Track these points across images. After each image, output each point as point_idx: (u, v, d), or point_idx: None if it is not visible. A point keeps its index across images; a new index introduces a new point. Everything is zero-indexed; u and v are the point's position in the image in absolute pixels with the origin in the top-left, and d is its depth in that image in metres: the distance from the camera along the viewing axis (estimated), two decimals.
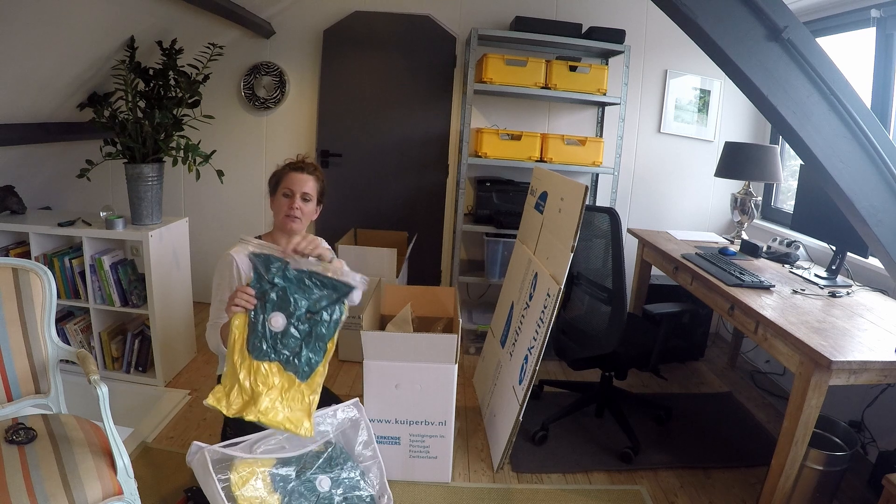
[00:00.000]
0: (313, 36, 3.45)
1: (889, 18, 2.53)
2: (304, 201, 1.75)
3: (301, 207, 1.74)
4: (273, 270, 1.50)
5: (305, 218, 1.77)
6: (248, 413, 1.48)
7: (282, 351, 1.52)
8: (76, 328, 2.66)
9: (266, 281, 1.50)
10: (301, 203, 1.74)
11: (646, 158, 3.67)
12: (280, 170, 1.79)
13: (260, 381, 1.51)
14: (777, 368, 3.11)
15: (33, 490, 1.30)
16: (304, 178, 1.74)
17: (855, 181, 1.51)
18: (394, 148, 3.55)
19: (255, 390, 1.51)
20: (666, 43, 3.50)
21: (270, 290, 1.50)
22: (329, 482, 1.61)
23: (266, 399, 1.50)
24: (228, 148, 3.48)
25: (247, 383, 1.51)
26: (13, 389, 1.66)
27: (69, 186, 3.22)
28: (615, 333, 2.19)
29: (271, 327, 1.51)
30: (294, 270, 1.52)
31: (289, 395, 1.54)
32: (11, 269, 1.66)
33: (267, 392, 1.51)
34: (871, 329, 1.86)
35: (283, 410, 1.52)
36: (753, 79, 1.46)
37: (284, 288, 1.51)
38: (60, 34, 2.23)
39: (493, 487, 2.12)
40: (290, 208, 1.72)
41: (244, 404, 1.50)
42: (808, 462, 1.86)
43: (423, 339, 2.01)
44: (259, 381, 1.51)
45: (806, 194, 2.69)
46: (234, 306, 1.48)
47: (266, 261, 1.50)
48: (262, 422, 1.48)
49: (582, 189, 2.03)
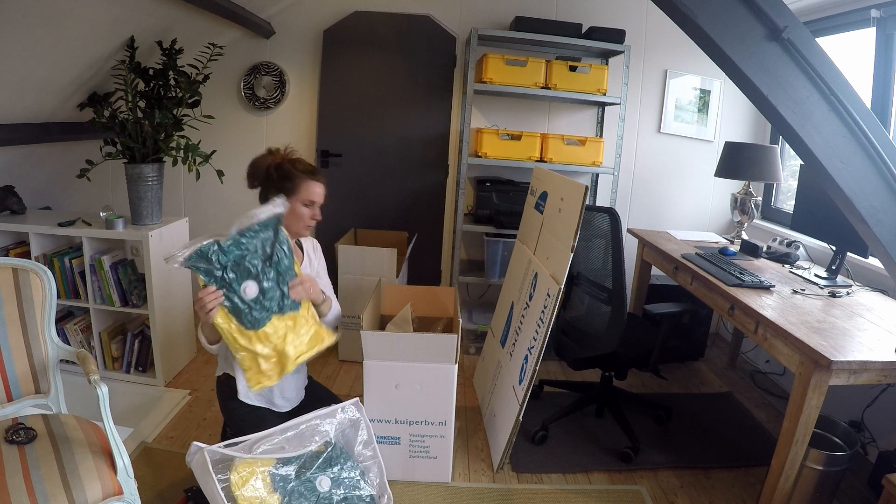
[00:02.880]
0: (313, 36, 3.45)
1: (889, 18, 2.53)
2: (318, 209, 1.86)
3: (317, 216, 1.84)
4: (212, 258, 1.52)
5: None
6: (287, 368, 1.64)
7: (270, 306, 1.60)
8: (76, 328, 2.66)
9: (214, 269, 1.53)
10: (317, 211, 1.84)
11: (646, 158, 3.67)
12: (293, 174, 1.78)
13: (275, 340, 1.61)
14: (777, 368, 3.11)
15: (33, 490, 1.30)
16: (321, 187, 1.82)
17: (855, 181, 1.51)
18: (394, 148, 3.55)
19: (277, 348, 1.62)
20: (666, 43, 3.50)
21: (225, 273, 1.54)
22: (329, 482, 1.61)
23: (290, 346, 1.63)
24: (228, 148, 3.47)
25: (268, 350, 1.61)
26: (13, 389, 1.66)
27: (69, 186, 3.22)
28: (615, 333, 2.19)
29: (249, 298, 1.57)
30: (227, 241, 1.55)
31: (298, 329, 1.66)
32: (11, 269, 1.66)
33: (285, 342, 1.62)
34: (871, 329, 1.86)
35: (305, 343, 1.67)
36: (753, 79, 1.46)
37: (231, 261, 1.55)
38: (60, 34, 2.23)
39: (493, 487, 2.12)
40: (311, 219, 1.83)
41: (278, 365, 1.63)
42: (808, 462, 1.86)
43: (423, 339, 2.01)
44: (274, 340, 1.61)
45: (806, 194, 2.69)
46: (208, 313, 1.52)
47: (200, 255, 1.51)
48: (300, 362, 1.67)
49: (582, 189, 2.03)
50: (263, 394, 1.81)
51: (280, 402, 1.86)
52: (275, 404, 1.85)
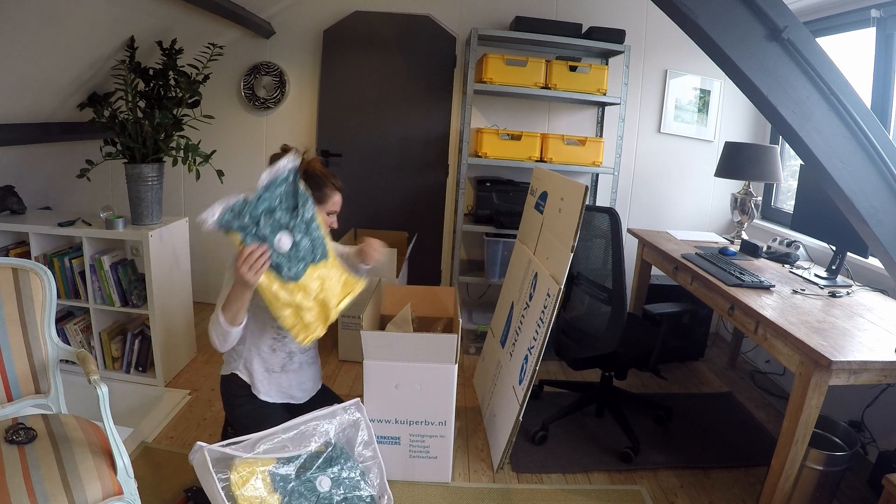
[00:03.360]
0: (313, 36, 3.45)
1: (889, 18, 2.53)
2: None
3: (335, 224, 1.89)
4: (245, 214, 1.52)
5: None
6: (330, 316, 1.69)
7: (304, 256, 1.63)
8: (76, 328, 2.66)
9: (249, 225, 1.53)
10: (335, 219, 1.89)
11: (646, 158, 3.67)
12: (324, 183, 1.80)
13: (314, 289, 1.65)
14: (777, 368, 3.11)
15: (33, 490, 1.30)
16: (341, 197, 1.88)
17: (855, 181, 1.51)
18: (394, 148, 3.55)
19: (317, 298, 1.66)
20: (666, 43, 3.50)
21: (260, 228, 1.55)
22: (329, 482, 1.61)
23: (328, 294, 1.68)
24: (228, 148, 3.48)
25: (309, 302, 1.64)
26: (13, 389, 1.66)
27: (69, 186, 3.22)
28: (615, 333, 2.19)
29: (283, 250, 1.59)
30: (252, 196, 1.55)
31: (332, 277, 1.70)
32: (11, 269, 1.66)
33: (323, 289, 1.67)
34: (871, 329, 1.86)
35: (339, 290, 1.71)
36: (753, 79, 1.46)
37: (262, 214, 1.55)
38: (61, 34, 2.23)
39: (493, 487, 2.12)
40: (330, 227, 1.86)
41: (321, 315, 1.68)
42: (808, 462, 1.86)
43: (423, 339, 2.01)
44: (313, 290, 1.65)
45: (806, 194, 2.69)
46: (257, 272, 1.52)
47: (232, 213, 1.51)
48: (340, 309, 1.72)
49: (582, 189, 2.03)
50: (282, 388, 1.83)
51: (299, 395, 1.89)
52: (294, 397, 1.88)
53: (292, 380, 1.85)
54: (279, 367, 1.82)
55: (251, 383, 1.78)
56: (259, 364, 1.78)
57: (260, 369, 1.79)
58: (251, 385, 1.78)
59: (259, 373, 1.78)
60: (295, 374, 1.86)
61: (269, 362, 1.80)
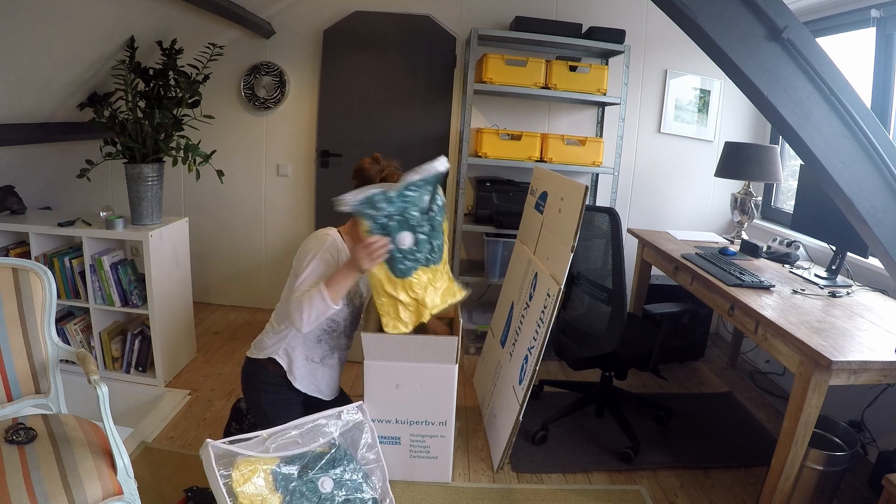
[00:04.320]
0: (313, 36, 3.45)
1: (889, 18, 2.53)
2: None
3: None
4: (379, 206, 1.61)
5: None
6: (424, 316, 1.79)
7: (419, 258, 1.71)
8: (76, 328, 2.66)
9: (379, 217, 1.61)
10: None
11: (646, 158, 3.67)
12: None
13: (417, 289, 1.74)
14: (777, 368, 3.11)
15: (33, 490, 1.30)
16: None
17: (855, 181, 1.51)
18: (394, 148, 3.54)
19: (418, 298, 1.76)
20: (666, 43, 3.50)
21: (388, 221, 1.63)
22: (331, 483, 1.61)
23: (429, 297, 1.76)
24: (228, 148, 3.48)
25: (409, 299, 1.73)
26: (13, 389, 1.66)
27: (69, 186, 3.22)
28: (615, 333, 2.19)
29: (403, 246, 1.68)
30: (393, 192, 1.63)
31: (437, 282, 1.77)
32: (11, 269, 1.66)
33: (426, 292, 1.75)
34: (871, 329, 1.86)
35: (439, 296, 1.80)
36: (753, 79, 1.46)
37: (395, 210, 1.63)
38: (61, 34, 2.23)
39: (493, 487, 2.12)
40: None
41: (416, 314, 1.76)
42: (808, 462, 1.86)
43: (424, 340, 2.01)
44: (416, 290, 1.74)
45: (806, 194, 2.69)
46: (374, 259, 1.61)
47: (368, 202, 1.59)
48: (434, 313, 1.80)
49: (582, 189, 2.03)
50: (315, 380, 1.88)
51: (327, 391, 1.94)
52: (322, 392, 1.92)
53: (326, 374, 1.91)
54: (319, 358, 1.87)
55: (288, 369, 1.82)
56: (301, 351, 1.82)
57: (301, 357, 1.83)
58: (287, 371, 1.82)
59: (299, 360, 1.82)
60: (330, 369, 1.92)
61: (311, 351, 1.84)
